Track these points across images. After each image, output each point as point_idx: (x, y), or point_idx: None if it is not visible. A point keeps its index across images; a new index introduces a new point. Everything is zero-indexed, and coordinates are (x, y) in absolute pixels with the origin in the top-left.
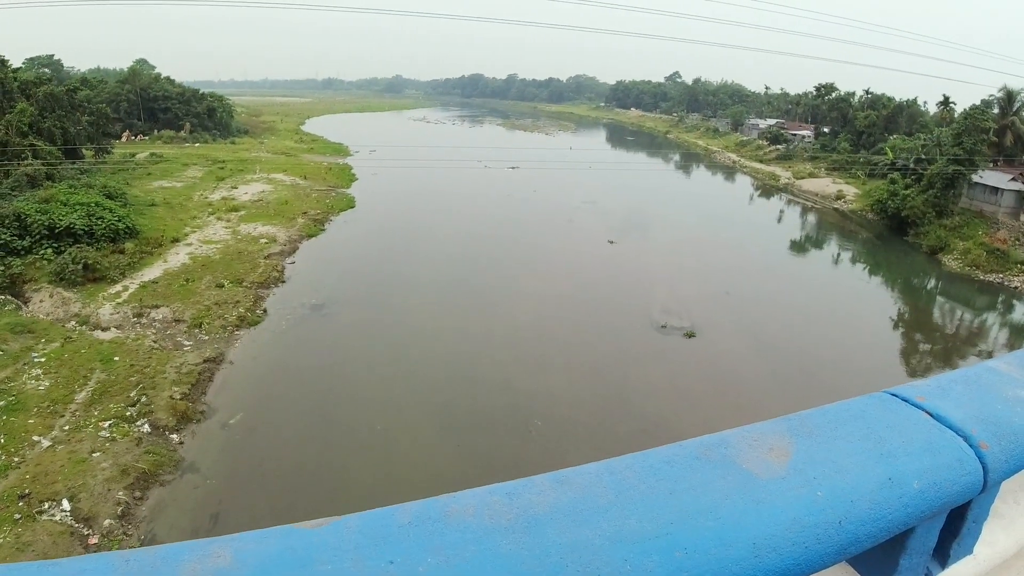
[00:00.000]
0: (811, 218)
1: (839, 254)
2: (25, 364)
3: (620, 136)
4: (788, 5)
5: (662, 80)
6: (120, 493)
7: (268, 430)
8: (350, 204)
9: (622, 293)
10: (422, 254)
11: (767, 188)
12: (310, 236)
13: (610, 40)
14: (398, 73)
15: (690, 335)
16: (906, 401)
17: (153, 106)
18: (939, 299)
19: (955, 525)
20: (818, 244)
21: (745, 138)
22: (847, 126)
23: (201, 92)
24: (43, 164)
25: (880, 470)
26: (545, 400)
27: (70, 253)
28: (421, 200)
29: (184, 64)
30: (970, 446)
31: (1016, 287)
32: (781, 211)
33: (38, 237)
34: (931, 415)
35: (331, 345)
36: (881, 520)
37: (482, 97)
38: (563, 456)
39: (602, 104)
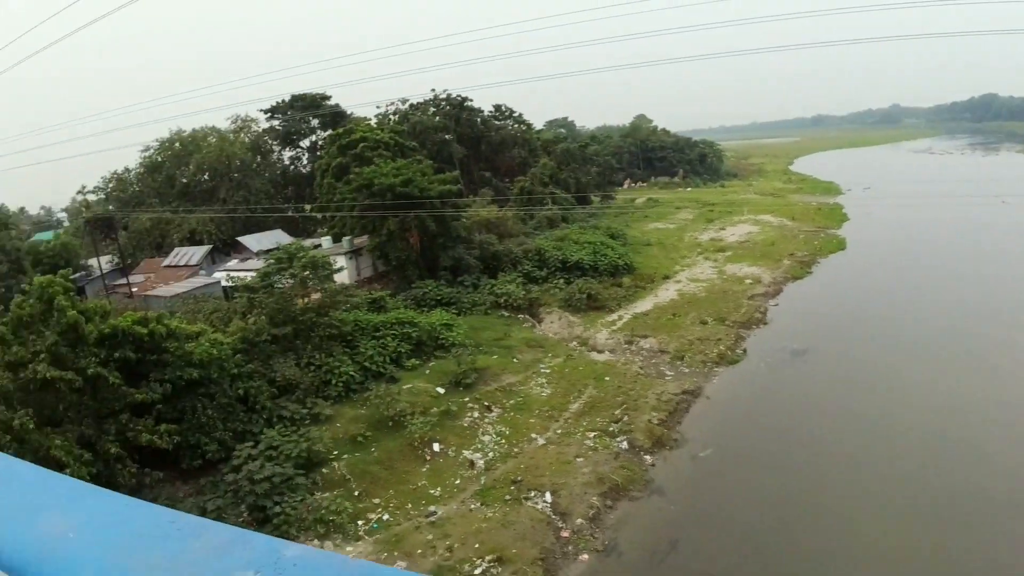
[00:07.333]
0: None
1: None
2: (534, 373)
3: None
4: None
5: None
6: (594, 498)
7: (735, 472)
8: (840, 246)
9: None
10: (918, 304)
11: None
12: (795, 278)
13: None
14: (895, 102)
15: None
16: None
17: (650, 155)
18: None
19: None
20: None
21: None
22: None
23: (693, 140)
24: (559, 209)
25: None
26: None
27: (577, 284)
28: (917, 244)
29: (677, 114)
30: None
31: None
32: None
33: (553, 269)
34: None
35: (807, 395)
36: None
37: (997, 120)
38: None
39: None
